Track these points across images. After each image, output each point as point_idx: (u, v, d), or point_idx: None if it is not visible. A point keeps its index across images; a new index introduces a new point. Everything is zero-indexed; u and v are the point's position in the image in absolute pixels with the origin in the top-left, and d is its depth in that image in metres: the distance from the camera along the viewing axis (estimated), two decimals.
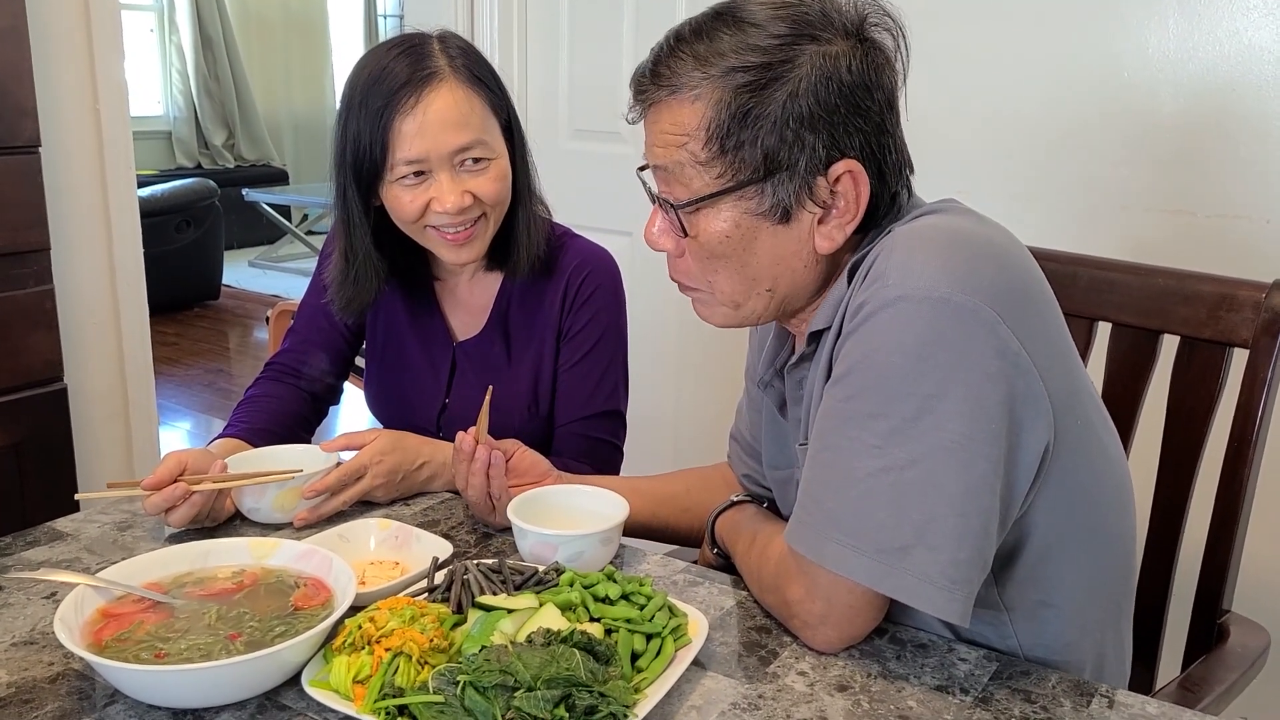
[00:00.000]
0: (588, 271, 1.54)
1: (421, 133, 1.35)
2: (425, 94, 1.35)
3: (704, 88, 0.99)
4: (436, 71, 1.36)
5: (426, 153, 1.35)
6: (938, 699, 0.96)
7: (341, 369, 1.66)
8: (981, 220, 1.05)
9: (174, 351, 5.53)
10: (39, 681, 0.96)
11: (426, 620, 0.95)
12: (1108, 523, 1.08)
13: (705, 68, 0.99)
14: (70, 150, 2.22)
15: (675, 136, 1.01)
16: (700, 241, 1.04)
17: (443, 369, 1.58)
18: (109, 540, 1.25)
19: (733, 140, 0.99)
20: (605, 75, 2.64)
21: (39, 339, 2.09)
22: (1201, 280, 1.33)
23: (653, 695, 0.90)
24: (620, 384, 1.59)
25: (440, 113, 1.35)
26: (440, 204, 1.37)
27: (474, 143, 1.37)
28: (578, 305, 1.54)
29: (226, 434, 1.47)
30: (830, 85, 0.98)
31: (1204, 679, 1.21)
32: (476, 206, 1.40)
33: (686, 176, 1.02)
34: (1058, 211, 1.98)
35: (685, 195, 1.03)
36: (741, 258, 1.04)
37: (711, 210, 1.03)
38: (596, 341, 1.54)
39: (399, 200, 1.39)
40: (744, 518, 1.24)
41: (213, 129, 8.36)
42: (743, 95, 0.98)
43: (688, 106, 1.00)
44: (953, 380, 0.92)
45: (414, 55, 1.37)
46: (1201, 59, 1.80)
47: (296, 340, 1.63)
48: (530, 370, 1.54)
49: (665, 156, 1.03)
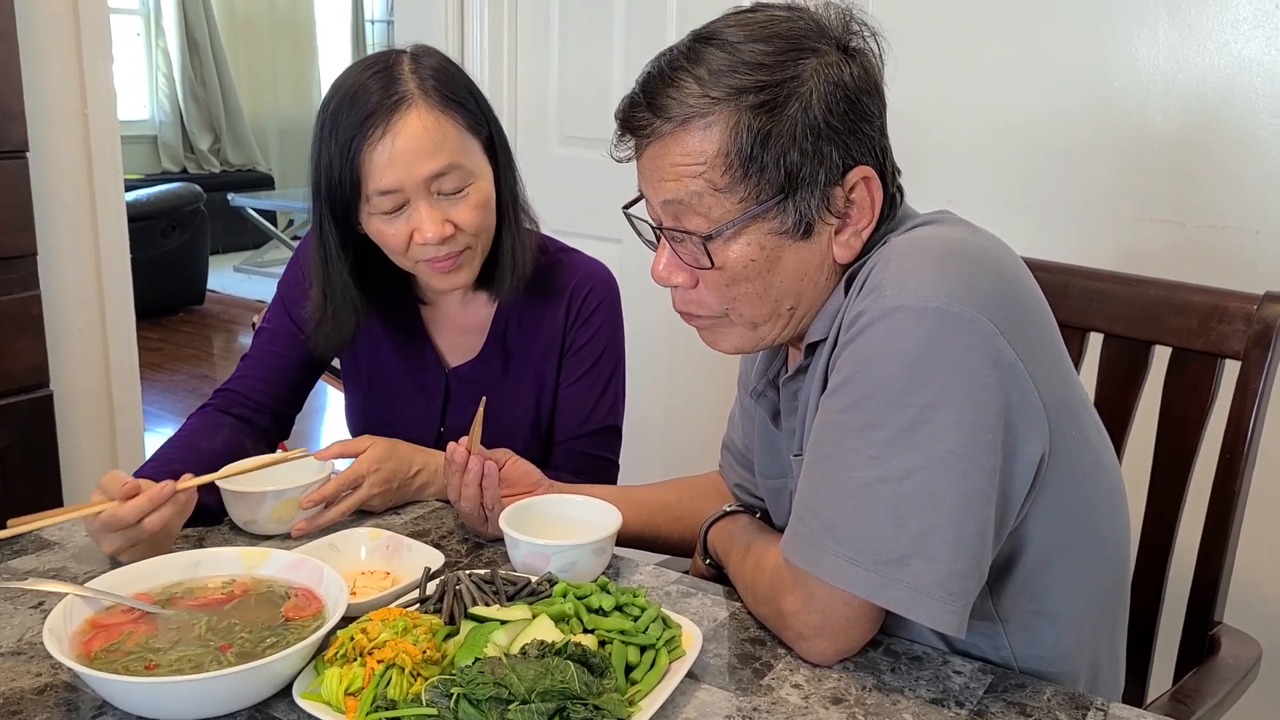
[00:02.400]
0: (590, 287, 1.52)
1: (392, 162, 1.29)
2: (394, 121, 1.29)
3: (715, 114, 0.97)
4: (405, 96, 1.30)
5: (400, 182, 1.29)
6: (933, 712, 0.95)
7: (297, 399, 1.57)
8: (976, 231, 1.05)
9: (159, 357, 5.50)
10: (26, 693, 0.94)
11: (419, 632, 0.94)
12: (1102, 533, 1.08)
13: (710, 90, 0.97)
14: (58, 155, 2.21)
15: (689, 166, 0.99)
16: (725, 270, 1.02)
17: (436, 397, 1.53)
18: (96, 549, 1.23)
19: (756, 163, 0.97)
20: (595, 81, 2.64)
21: (25, 344, 2.07)
22: (1193, 291, 1.34)
23: (647, 708, 0.90)
24: (619, 399, 1.58)
25: (409, 140, 1.29)
26: (421, 235, 1.31)
27: (448, 168, 1.31)
28: (580, 321, 1.51)
29: (143, 472, 1.30)
30: (838, 94, 0.98)
31: (1196, 691, 1.21)
32: (460, 238, 1.35)
33: (705, 205, 1.00)
34: (1047, 222, 1.98)
35: (705, 225, 1.01)
36: (766, 279, 1.03)
37: (734, 236, 1.01)
38: (598, 358, 1.52)
39: (382, 234, 1.34)
40: (737, 528, 1.23)
41: (199, 133, 8.33)
42: (760, 116, 0.97)
43: (699, 134, 0.98)
44: (950, 391, 0.92)
45: (384, 79, 1.31)
46: (1191, 70, 1.81)
47: (250, 368, 1.53)
48: (533, 390, 1.52)
49: (678, 189, 1.00)
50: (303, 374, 1.56)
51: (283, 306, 1.53)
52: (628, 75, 2.56)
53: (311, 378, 1.58)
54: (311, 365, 1.56)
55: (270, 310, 1.56)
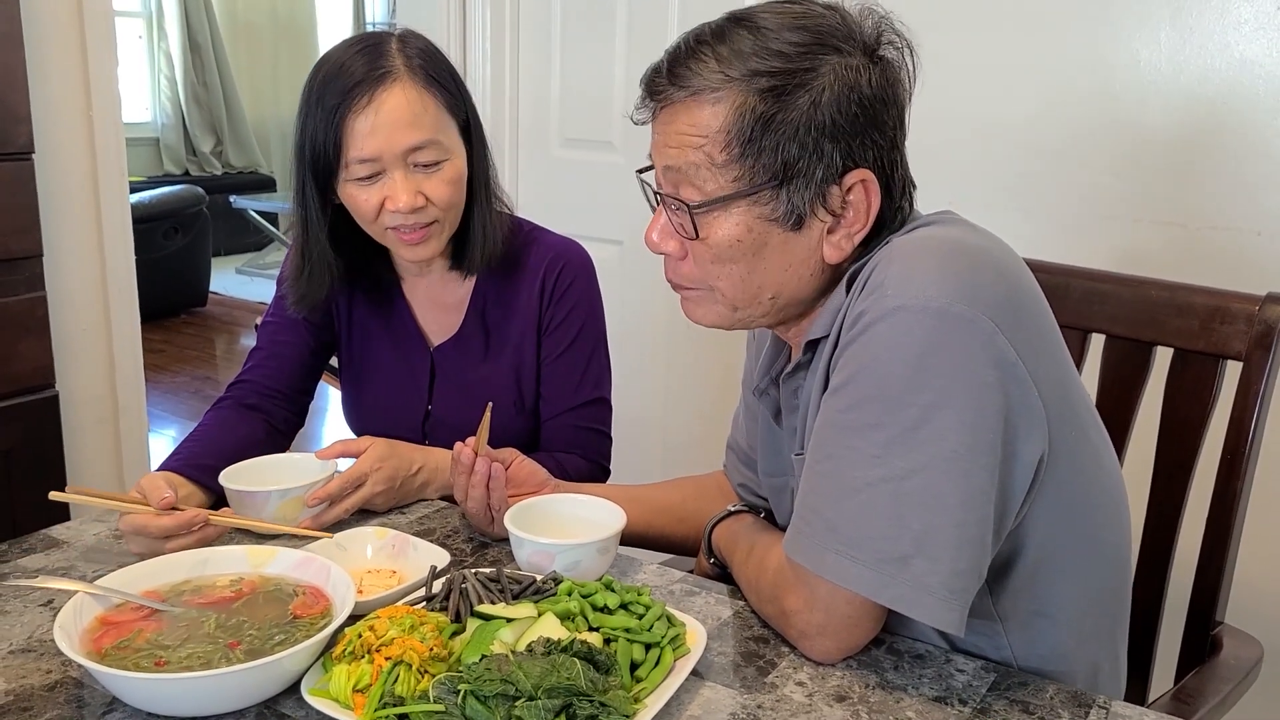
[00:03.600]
0: (562, 264, 1.55)
1: (374, 131, 1.35)
2: (379, 93, 1.35)
3: (725, 90, 0.99)
4: (391, 71, 1.37)
5: (379, 151, 1.36)
6: (936, 710, 0.96)
7: (306, 391, 1.62)
8: (978, 231, 1.06)
9: (161, 359, 5.51)
10: (37, 690, 0.95)
11: (426, 629, 0.95)
12: (1103, 533, 1.08)
13: (727, 69, 0.99)
14: (63, 156, 2.21)
15: (692, 137, 1.01)
16: (709, 244, 1.04)
17: (421, 375, 1.58)
18: (105, 548, 1.24)
19: (754, 145, 0.99)
20: (597, 84, 2.65)
21: (31, 345, 2.08)
22: (1194, 292, 1.34)
23: (652, 705, 0.90)
24: (605, 371, 1.61)
25: (393, 112, 1.35)
26: (394, 203, 1.38)
27: (426, 142, 1.38)
28: (556, 298, 1.55)
29: (168, 465, 1.36)
30: (852, 96, 0.99)
31: (1197, 691, 1.22)
32: (429, 210, 1.40)
33: (701, 178, 1.02)
34: (1048, 223, 1.99)
35: (697, 197, 1.03)
36: (749, 263, 1.04)
37: (723, 213, 1.03)
38: (579, 331, 1.56)
39: (354, 199, 1.40)
40: (741, 528, 1.24)
41: (201, 136, 8.33)
42: (767, 100, 0.98)
43: (708, 108, 1.00)
44: (952, 390, 0.93)
45: (371, 54, 1.38)
46: (1192, 72, 1.81)
47: (260, 358, 1.59)
48: (511, 366, 1.55)
49: (679, 157, 1.03)
50: (310, 360, 1.62)
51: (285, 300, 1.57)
52: (629, 79, 2.60)
53: (318, 364, 1.64)
54: (316, 351, 1.62)
55: (273, 304, 1.61)
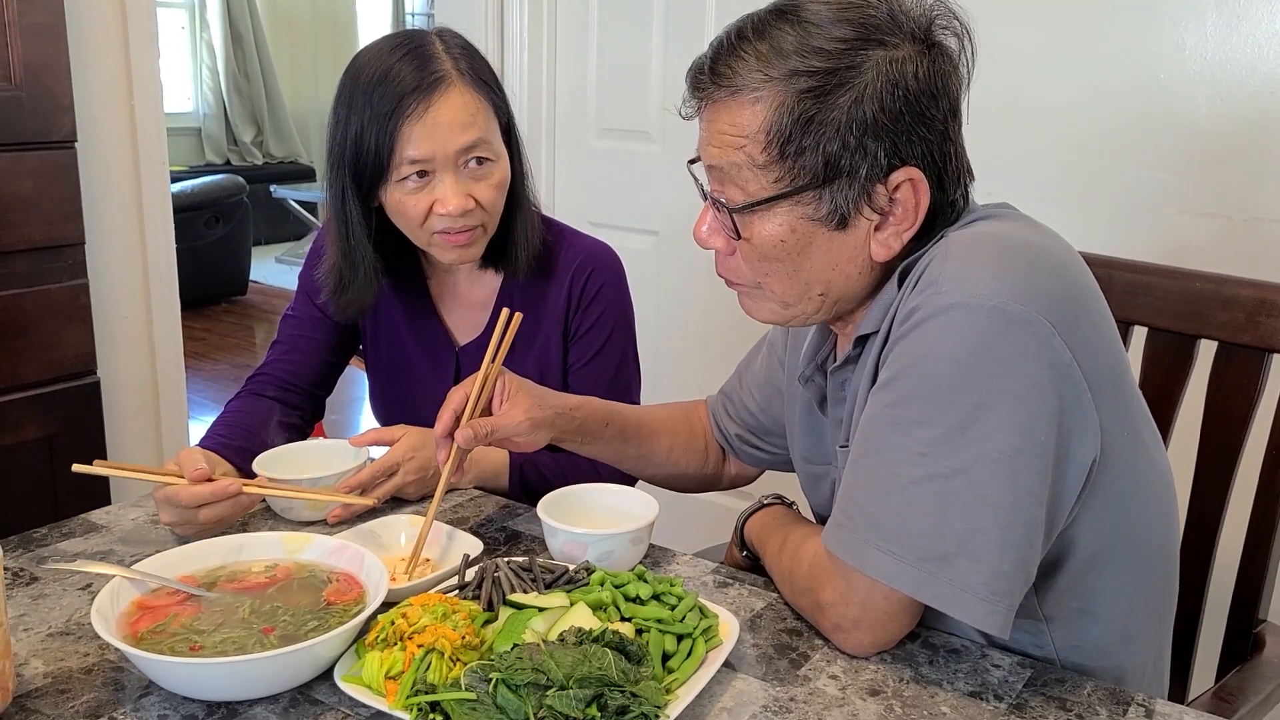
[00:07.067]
0: (591, 269, 1.54)
1: (429, 135, 1.34)
2: (434, 99, 1.34)
3: (765, 90, 0.97)
4: (445, 76, 1.35)
5: (433, 152, 1.35)
6: (971, 705, 0.95)
7: (327, 381, 1.63)
8: (1037, 227, 1.03)
9: (202, 346, 5.57)
10: (74, 672, 0.96)
11: (458, 617, 0.95)
12: (1152, 534, 1.06)
13: (767, 69, 0.97)
14: (105, 146, 2.24)
15: (733, 138, 0.99)
16: (753, 244, 1.03)
17: (447, 374, 1.57)
18: (143, 533, 1.26)
19: (794, 146, 0.97)
20: (634, 74, 2.64)
21: (73, 332, 2.10)
22: (1240, 285, 1.32)
23: (684, 696, 0.90)
24: (634, 376, 1.60)
25: (448, 114, 1.35)
26: (443, 205, 1.36)
27: (478, 142, 1.37)
28: (584, 304, 1.54)
29: (203, 445, 1.40)
30: (896, 92, 0.96)
31: (1239, 689, 1.20)
32: (477, 213, 1.39)
33: (743, 179, 1.00)
34: (1091, 214, 1.96)
35: (740, 197, 1.01)
36: (795, 261, 1.02)
37: (767, 214, 1.01)
38: (607, 338, 1.54)
39: (402, 204, 1.38)
40: (774, 520, 1.23)
41: (242, 126, 8.40)
42: (806, 101, 0.96)
43: (748, 109, 0.98)
44: (1003, 391, 0.91)
45: (419, 57, 1.36)
46: (1240, 60, 1.78)
47: (280, 352, 1.60)
48: (535, 370, 1.53)
49: (721, 157, 1.01)
50: (330, 356, 1.62)
51: (306, 295, 1.59)
52: (666, 68, 2.59)
53: (338, 360, 1.64)
54: (337, 348, 1.62)
55: (296, 299, 1.61)
